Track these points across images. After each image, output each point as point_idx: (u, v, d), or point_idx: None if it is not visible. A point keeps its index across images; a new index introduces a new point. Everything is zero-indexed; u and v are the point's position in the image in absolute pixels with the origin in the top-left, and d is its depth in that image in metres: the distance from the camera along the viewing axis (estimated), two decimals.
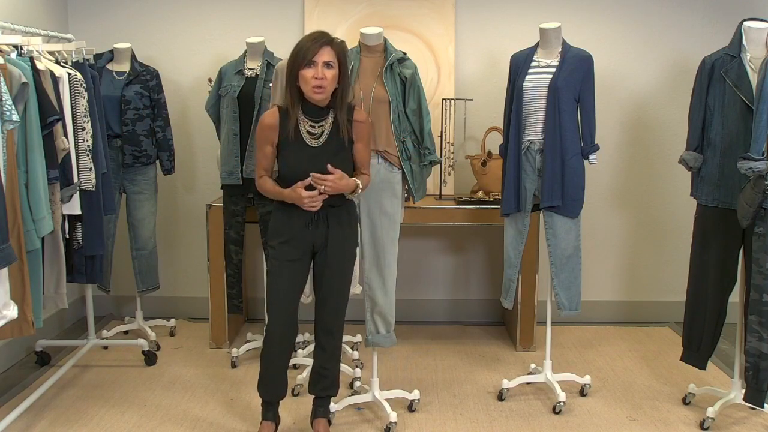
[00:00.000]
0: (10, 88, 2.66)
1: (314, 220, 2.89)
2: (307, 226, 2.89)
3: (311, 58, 2.74)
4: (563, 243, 3.40)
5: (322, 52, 2.74)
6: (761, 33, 3.17)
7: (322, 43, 2.76)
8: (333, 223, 2.91)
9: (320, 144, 2.85)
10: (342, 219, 2.94)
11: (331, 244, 2.93)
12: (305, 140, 2.84)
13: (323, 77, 2.73)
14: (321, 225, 2.90)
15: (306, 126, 2.85)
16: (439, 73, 4.56)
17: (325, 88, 2.76)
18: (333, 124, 2.86)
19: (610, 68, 4.58)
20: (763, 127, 2.85)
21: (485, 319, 4.80)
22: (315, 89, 2.75)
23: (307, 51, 2.74)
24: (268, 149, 2.89)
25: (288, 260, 2.92)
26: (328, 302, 3.00)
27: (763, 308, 2.97)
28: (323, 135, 2.85)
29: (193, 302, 4.76)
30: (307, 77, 2.75)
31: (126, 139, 4.03)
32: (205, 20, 4.62)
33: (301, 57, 2.75)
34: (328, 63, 2.76)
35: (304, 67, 2.75)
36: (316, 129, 2.85)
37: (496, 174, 4.05)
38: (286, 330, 2.98)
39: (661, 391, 3.68)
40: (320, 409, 3.13)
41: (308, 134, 2.85)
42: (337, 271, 2.96)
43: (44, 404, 3.43)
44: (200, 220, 4.47)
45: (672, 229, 4.73)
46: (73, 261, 3.33)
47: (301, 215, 2.88)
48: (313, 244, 2.93)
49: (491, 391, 3.66)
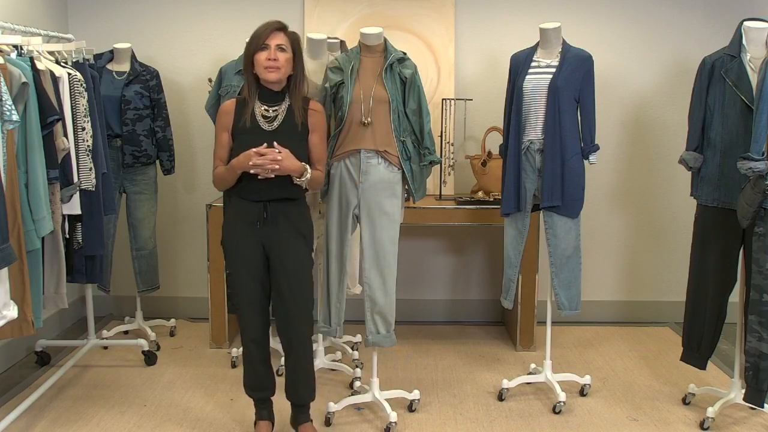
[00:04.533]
0: (10, 88, 2.66)
1: (264, 219, 2.88)
2: (256, 224, 2.88)
3: (264, 41, 2.84)
4: (563, 243, 3.40)
5: (274, 36, 2.86)
6: (761, 33, 3.17)
7: (274, 28, 2.87)
8: (283, 221, 2.90)
9: (274, 128, 2.88)
10: (292, 218, 2.92)
11: (282, 245, 2.91)
12: (260, 124, 2.89)
13: (276, 58, 2.83)
14: (270, 224, 2.89)
15: (261, 110, 2.90)
16: (439, 73, 4.56)
17: (278, 68, 2.83)
18: (288, 109, 2.92)
19: (610, 68, 4.58)
20: (763, 127, 2.85)
21: (485, 319, 4.80)
22: (268, 69, 2.83)
23: (260, 35, 2.86)
24: (225, 137, 2.93)
25: (243, 259, 2.92)
26: (287, 306, 2.93)
27: (763, 308, 2.97)
28: (277, 119, 2.90)
29: (193, 302, 4.76)
30: (260, 60, 2.84)
31: (126, 139, 4.03)
32: (205, 20, 4.62)
33: (255, 41, 2.86)
34: (281, 46, 2.85)
35: (258, 51, 2.84)
36: (270, 113, 2.90)
37: (496, 174, 4.05)
38: (257, 326, 2.98)
39: (661, 391, 3.68)
40: (301, 415, 3.08)
41: (263, 118, 2.90)
42: (291, 272, 2.91)
43: (44, 404, 3.43)
44: (200, 220, 4.47)
45: (672, 229, 4.73)
46: (73, 261, 3.33)
47: (251, 212, 2.88)
48: (263, 244, 2.91)
49: (491, 391, 3.66)
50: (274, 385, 3.10)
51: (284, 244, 2.91)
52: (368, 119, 3.14)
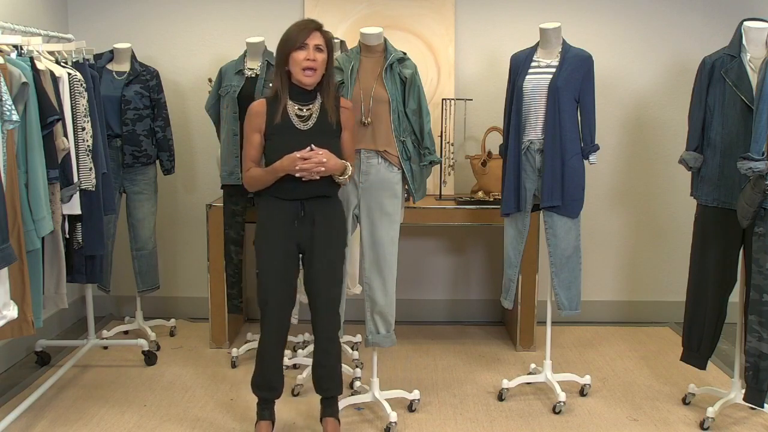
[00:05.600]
0: (10, 88, 2.66)
1: (300, 217, 2.88)
2: (294, 223, 2.89)
3: (303, 41, 2.81)
4: (563, 243, 3.40)
5: (313, 36, 2.83)
6: (761, 33, 3.17)
7: (313, 28, 2.85)
8: (319, 219, 2.91)
9: (309, 127, 2.88)
10: (328, 214, 2.94)
11: (318, 242, 2.92)
12: (294, 123, 2.87)
13: (314, 59, 2.80)
14: (307, 222, 2.90)
15: (294, 110, 2.88)
16: (439, 73, 4.56)
17: (315, 70, 2.82)
18: (320, 108, 2.91)
19: (610, 68, 4.58)
20: (763, 127, 2.85)
21: (485, 319, 4.80)
22: (306, 71, 2.81)
23: (299, 34, 2.82)
24: (256, 138, 2.91)
25: (276, 258, 2.91)
26: (319, 302, 2.98)
27: (763, 308, 2.97)
28: (312, 118, 2.89)
29: (193, 302, 4.76)
30: (298, 59, 2.81)
31: (126, 139, 4.03)
32: (205, 20, 4.62)
33: (293, 40, 2.82)
34: (319, 46, 2.83)
35: (296, 50, 2.81)
36: (304, 112, 2.89)
37: (496, 174, 4.05)
38: (279, 327, 2.98)
39: (661, 391, 3.68)
40: (327, 409, 3.12)
41: (297, 117, 2.88)
42: (326, 270, 2.95)
43: (44, 404, 3.43)
44: (200, 220, 4.47)
45: (672, 229, 4.73)
46: (73, 261, 3.33)
47: (288, 211, 2.88)
48: (299, 243, 2.92)
49: (491, 391, 3.66)
50: (282, 387, 3.09)
51: (319, 242, 2.92)
52: (368, 119, 3.15)
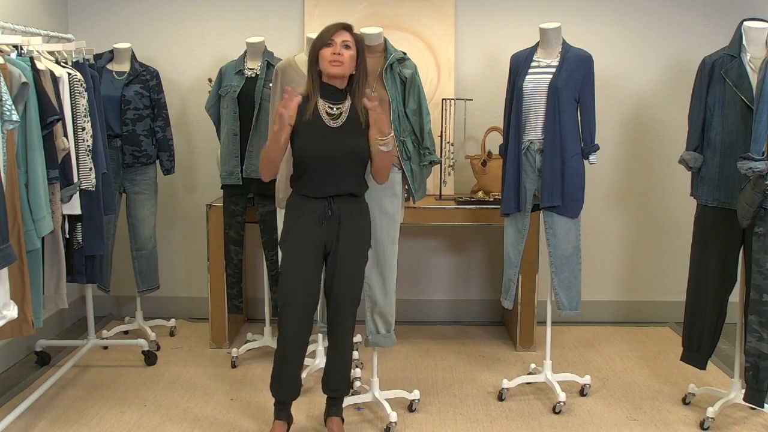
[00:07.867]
0: (10, 88, 2.66)
1: (328, 216, 2.90)
2: (320, 222, 2.90)
3: (330, 38, 2.87)
4: (563, 243, 3.40)
5: (340, 34, 2.88)
6: (761, 33, 3.17)
7: (341, 27, 2.91)
8: (345, 219, 2.92)
9: (339, 125, 2.91)
10: (354, 215, 2.95)
11: (343, 243, 2.93)
12: (324, 120, 2.90)
13: (340, 53, 2.85)
14: (333, 222, 2.91)
15: (325, 107, 2.92)
16: (439, 73, 4.56)
17: (342, 63, 2.85)
18: (351, 107, 2.94)
19: (610, 68, 4.58)
20: (763, 127, 2.85)
21: (485, 319, 4.80)
22: (333, 63, 2.85)
23: (326, 32, 2.89)
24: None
25: (301, 258, 2.92)
26: (339, 303, 3.00)
27: (763, 308, 2.97)
28: (342, 116, 2.92)
29: (193, 302, 4.76)
30: (325, 55, 2.87)
31: (126, 139, 4.03)
32: (205, 20, 4.62)
33: (321, 38, 2.89)
34: (346, 43, 2.87)
35: (324, 47, 2.87)
36: (335, 110, 2.92)
37: (496, 174, 4.05)
38: (301, 329, 2.95)
39: (661, 391, 3.68)
40: (333, 408, 3.14)
41: (327, 115, 2.91)
42: (348, 271, 2.96)
43: (44, 404, 3.43)
44: (200, 220, 4.47)
45: (672, 229, 4.73)
46: (73, 261, 3.33)
47: (315, 210, 2.90)
48: (325, 243, 2.94)
49: (491, 391, 3.66)
50: (299, 391, 3.07)
51: (345, 241, 2.94)
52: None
